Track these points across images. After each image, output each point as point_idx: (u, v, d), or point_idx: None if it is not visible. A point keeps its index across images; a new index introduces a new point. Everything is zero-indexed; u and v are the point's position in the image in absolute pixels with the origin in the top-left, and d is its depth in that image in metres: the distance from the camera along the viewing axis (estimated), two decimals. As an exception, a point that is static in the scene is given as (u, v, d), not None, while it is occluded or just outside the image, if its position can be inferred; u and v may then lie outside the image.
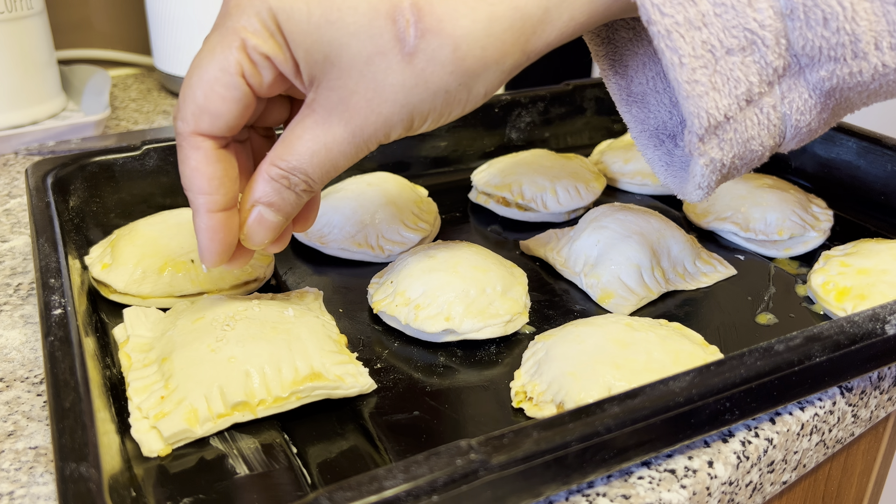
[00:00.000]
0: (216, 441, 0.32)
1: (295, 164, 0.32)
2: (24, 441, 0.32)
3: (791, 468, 0.35)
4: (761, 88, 0.30)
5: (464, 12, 0.29)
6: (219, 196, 0.32)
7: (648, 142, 0.38)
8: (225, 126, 0.31)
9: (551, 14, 0.30)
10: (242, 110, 0.31)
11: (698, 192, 0.34)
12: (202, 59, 0.30)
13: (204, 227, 0.32)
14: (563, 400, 0.34)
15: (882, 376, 0.37)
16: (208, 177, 0.32)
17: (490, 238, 0.52)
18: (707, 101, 0.30)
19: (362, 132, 0.31)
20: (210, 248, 0.33)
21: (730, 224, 0.50)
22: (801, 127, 0.32)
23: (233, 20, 0.29)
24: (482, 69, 0.30)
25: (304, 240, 0.48)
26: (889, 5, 0.29)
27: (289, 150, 0.32)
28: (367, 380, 0.35)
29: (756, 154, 0.33)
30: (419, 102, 0.30)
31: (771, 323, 0.42)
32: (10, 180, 0.59)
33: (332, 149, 0.31)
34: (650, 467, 0.31)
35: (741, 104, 0.30)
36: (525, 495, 0.26)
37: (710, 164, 0.32)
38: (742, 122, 0.31)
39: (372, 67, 0.29)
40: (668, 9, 0.28)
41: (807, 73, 0.31)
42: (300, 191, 0.33)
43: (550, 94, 0.63)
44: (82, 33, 0.87)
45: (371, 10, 0.29)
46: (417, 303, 0.39)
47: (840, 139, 0.55)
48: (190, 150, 0.31)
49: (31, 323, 0.41)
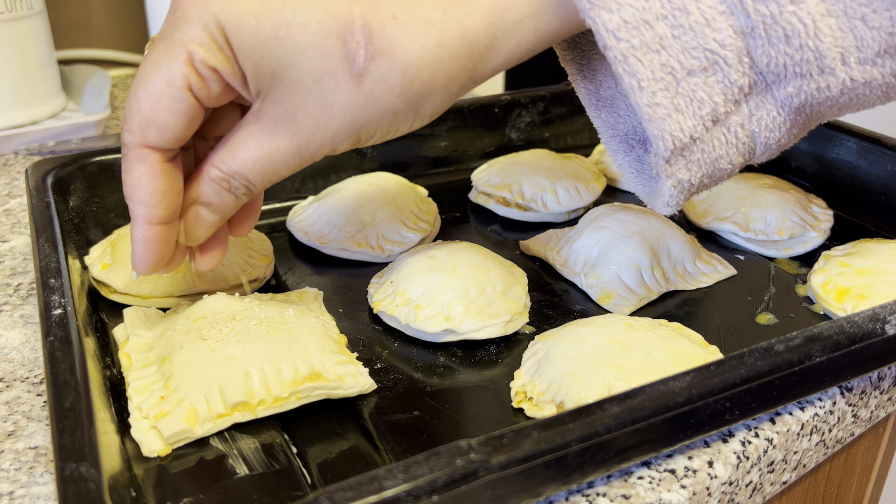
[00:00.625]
0: (216, 441, 0.32)
1: (236, 169, 0.32)
2: (24, 441, 0.32)
3: (791, 468, 0.35)
4: (727, 108, 0.30)
5: (413, 37, 0.29)
6: (160, 210, 0.32)
7: (619, 147, 0.37)
8: (172, 138, 0.31)
9: (498, 41, 0.30)
10: (189, 122, 0.31)
11: (667, 209, 0.34)
12: (148, 71, 0.30)
13: (140, 238, 0.32)
14: (563, 400, 0.34)
15: (882, 376, 0.37)
16: (151, 190, 0.31)
17: (490, 238, 0.52)
18: (670, 124, 0.29)
19: (308, 146, 0.31)
20: (144, 258, 0.33)
21: (730, 224, 0.50)
22: (770, 143, 0.32)
23: (179, 31, 0.29)
24: (430, 93, 0.30)
25: (304, 240, 0.48)
26: (855, 20, 0.28)
27: (231, 154, 0.32)
28: (367, 380, 0.35)
29: (725, 171, 0.32)
30: (366, 121, 0.31)
31: (771, 323, 0.42)
32: (10, 180, 0.59)
33: (275, 158, 0.31)
34: (650, 467, 0.31)
35: (707, 124, 0.30)
36: (525, 495, 0.26)
37: (677, 184, 0.32)
38: (709, 143, 0.31)
39: (320, 85, 0.29)
40: (623, 34, 0.28)
41: (774, 89, 0.30)
42: (240, 194, 0.33)
43: (550, 94, 0.63)
44: (82, 33, 0.87)
45: (321, 30, 0.29)
46: (417, 303, 0.39)
47: (840, 139, 0.55)
48: (135, 161, 0.31)
49: (31, 323, 0.41)
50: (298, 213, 0.50)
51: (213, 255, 0.36)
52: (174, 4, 0.30)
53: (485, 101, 0.60)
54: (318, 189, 0.54)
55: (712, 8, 0.28)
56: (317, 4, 0.29)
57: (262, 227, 0.50)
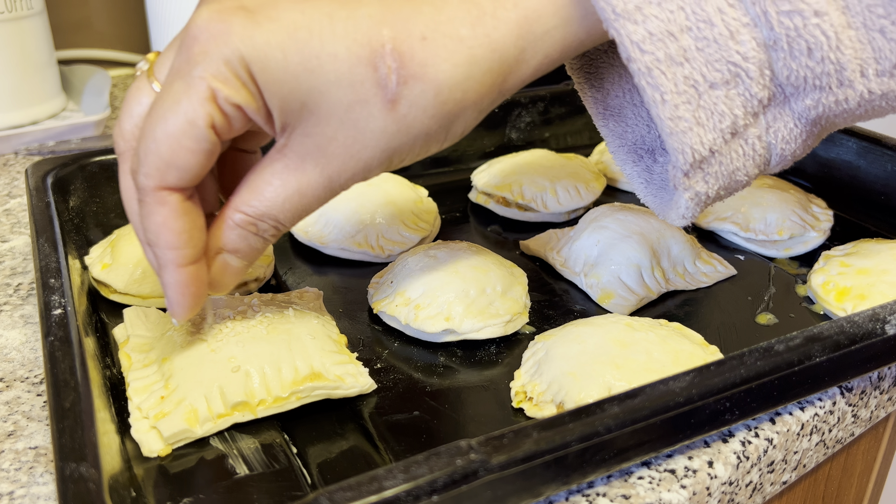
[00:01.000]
0: (216, 441, 0.32)
1: (264, 210, 0.31)
2: (24, 441, 0.32)
3: (791, 468, 0.35)
4: (746, 120, 0.30)
5: (444, 56, 0.28)
6: (188, 250, 0.31)
7: (627, 157, 0.37)
8: (192, 178, 0.30)
9: (527, 53, 0.30)
10: (208, 160, 0.30)
11: (681, 221, 0.33)
12: (166, 111, 0.28)
13: (174, 283, 0.31)
14: (563, 400, 0.34)
15: (882, 376, 0.37)
16: (177, 232, 0.30)
17: (490, 238, 0.52)
18: (691, 137, 0.29)
19: (339, 177, 0.30)
20: (181, 304, 0.31)
21: (730, 224, 0.50)
22: (786, 155, 0.32)
23: (199, 69, 0.28)
24: (462, 111, 0.30)
25: (304, 240, 0.48)
26: (874, 32, 0.28)
27: (256, 195, 0.30)
28: (367, 380, 0.35)
29: (741, 183, 0.32)
30: (399, 146, 0.30)
31: (771, 323, 0.42)
32: (10, 180, 0.59)
33: (305, 194, 0.30)
34: (650, 467, 0.31)
35: (726, 137, 0.30)
36: (525, 495, 0.26)
37: (694, 197, 0.31)
38: (727, 155, 0.30)
39: (352, 115, 0.29)
40: (647, 46, 0.28)
41: (792, 102, 0.30)
42: (268, 236, 0.32)
43: (550, 94, 0.63)
44: (82, 33, 0.87)
45: (351, 57, 0.28)
46: (417, 303, 0.39)
47: (840, 139, 0.55)
48: (155, 205, 0.30)
49: (31, 323, 0.41)
50: (298, 213, 0.50)
51: None
52: (188, 41, 0.28)
53: (485, 101, 0.60)
54: (318, 189, 0.54)
55: (736, 20, 0.28)
56: (344, 31, 0.28)
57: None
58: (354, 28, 0.28)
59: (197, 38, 0.28)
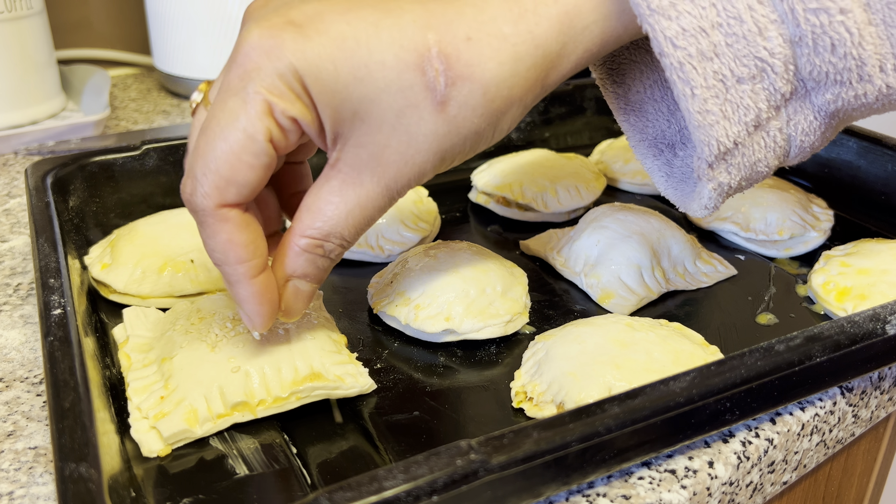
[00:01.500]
0: (216, 441, 0.32)
1: (329, 230, 0.31)
2: (24, 441, 0.32)
3: (791, 468, 0.35)
4: (769, 113, 0.31)
5: (489, 55, 0.29)
6: (257, 260, 0.31)
7: (647, 151, 0.38)
8: (251, 193, 0.30)
9: (568, 48, 0.30)
10: (266, 174, 0.30)
11: (703, 211, 0.34)
12: (223, 128, 0.28)
13: (250, 295, 0.31)
14: (563, 400, 0.33)
15: (882, 376, 0.37)
16: (243, 245, 0.30)
17: (490, 238, 0.52)
18: (718, 130, 0.30)
19: (396, 184, 0.30)
20: (261, 313, 0.31)
21: (730, 224, 0.50)
22: (805, 147, 0.33)
23: (254, 84, 0.28)
24: (508, 107, 0.30)
25: (304, 240, 0.48)
26: (893, 28, 0.29)
27: (318, 216, 0.31)
28: (366, 380, 0.35)
29: (761, 174, 0.33)
30: (451, 147, 0.30)
31: (771, 323, 0.42)
32: (10, 180, 0.59)
33: (366, 206, 0.31)
34: (650, 467, 0.31)
35: (749, 130, 0.31)
36: (525, 495, 0.26)
37: (717, 187, 0.32)
38: (750, 147, 0.31)
39: (404, 120, 0.29)
40: (680, 41, 0.29)
41: (812, 96, 0.31)
42: (335, 256, 0.32)
43: (550, 94, 0.63)
44: (82, 33, 0.87)
45: (399, 63, 0.28)
46: (417, 303, 0.39)
47: (840, 139, 0.55)
48: (218, 223, 0.30)
49: (30, 323, 0.41)
50: (298, 213, 0.50)
51: None
52: (240, 58, 0.28)
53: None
54: (318, 189, 0.54)
55: (765, 17, 0.29)
56: (390, 38, 0.28)
57: (262, 227, 0.50)
58: (400, 35, 0.28)
59: (248, 54, 0.28)
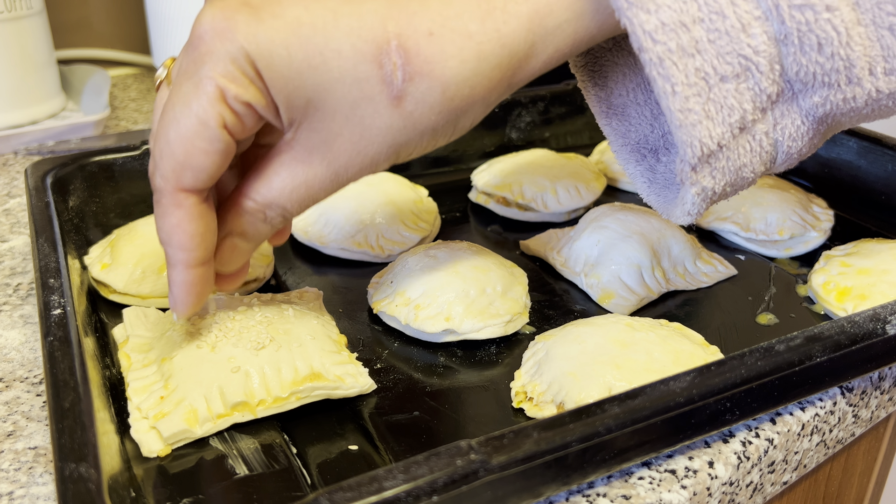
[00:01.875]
0: (216, 441, 0.32)
1: (272, 200, 0.31)
2: (24, 441, 0.32)
3: (791, 468, 0.35)
4: (755, 115, 0.30)
5: (452, 52, 0.28)
6: (199, 252, 0.31)
7: (630, 156, 0.37)
8: (208, 179, 0.30)
9: (537, 47, 0.29)
10: (224, 160, 0.30)
11: (686, 218, 0.33)
12: (177, 113, 0.28)
13: (180, 282, 0.31)
14: (563, 400, 0.33)
15: (883, 376, 0.37)
16: (190, 234, 0.30)
17: (490, 238, 0.52)
18: (700, 130, 0.29)
19: (346, 171, 0.30)
20: (185, 301, 0.32)
21: (730, 224, 0.50)
22: (792, 153, 0.32)
23: (206, 68, 0.27)
24: (469, 106, 0.30)
25: (304, 240, 0.48)
26: (883, 30, 0.28)
27: (266, 184, 0.31)
28: (366, 380, 0.35)
29: (747, 180, 0.32)
30: (406, 142, 0.30)
31: (771, 323, 0.42)
32: (10, 180, 0.59)
33: (312, 185, 0.31)
34: (650, 468, 0.31)
35: (734, 132, 0.30)
36: (525, 496, 0.26)
37: (701, 192, 0.31)
38: (735, 150, 0.30)
39: (358, 112, 0.29)
40: (660, 35, 0.27)
41: (800, 98, 0.30)
42: (276, 223, 0.32)
43: (550, 94, 0.63)
44: (82, 33, 0.87)
45: (356, 54, 0.28)
46: (417, 303, 0.39)
47: (840, 139, 0.55)
48: (171, 207, 0.30)
49: (30, 323, 0.41)
50: (298, 213, 0.50)
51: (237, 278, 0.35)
52: (194, 40, 0.28)
53: (485, 100, 0.60)
54: (317, 189, 0.54)
55: (748, 13, 0.28)
56: (348, 28, 0.28)
57: (262, 227, 0.50)
58: (359, 24, 0.28)
59: (202, 37, 0.28)
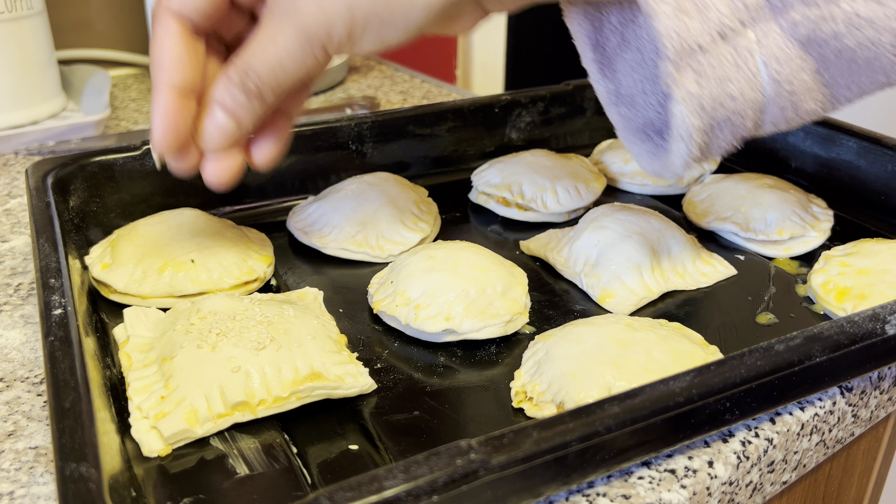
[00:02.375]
0: (216, 441, 0.32)
1: (248, 64, 0.34)
2: (25, 441, 0.32)
3: (791, 468, 0.35)
4: (733, 24, 0.31)
5: None
6: (177, 74, 0.35)
7: (635, 137, 0.38)
8: (196, 8, 0.34)
9: None
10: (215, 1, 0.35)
11: (681, 146, 0.34)
12: None
13: (160, 106, 0.35)
14: (563, 400, 0.34)
15: (882, 376, 0.37)
16: (170, 55, 0.34)
17: (490, 238, 0.52)
18: (676, 22, 0.30)
19: (312, 33, 0.33)
20: (162, 130, 0.35)
21: (730, 224, 0.50)
22: (781, 81, 0.32)
23: None
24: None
25: (304, 240, 0.48)
26: None
27: (245, 52, 0.34)
28: (367, 380, 0.35)
29: (738, 104, 0.32)
30: (358, 7, 0.33)
31: (771, 323, 0.42)
32: (11, 180, 0.60)
33: (283, 48, 0.33)
34: (650, 467, 0.31)
35: (713, 35, 0.31)
36: (525, 495, 0.26)
37: (687, 99, 0.32)
38: (717, 57, 0.31)
39: None
40: None
41: (779, 17, 0.31)
42: (253, 95, 0.34)
43: (550, 94, 0.63)
44: (82, 33, 0.87)
45: None
46: (417, 303, 0.39)
47: (840, 139, 0.55)
48: (161, 29, 0.35)
49: (31, 323, 0.41)
50: (298, 213, 0.50)
51: (270, 147, 0.38)
52: None
53: (485, 101, 0.60)
54: (318, 189, 0.54)
55: None
56: None
57: (262, 227, 0.50)
58: None
59: None
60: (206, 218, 0.46)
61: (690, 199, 0.54)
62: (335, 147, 0.55)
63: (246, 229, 0.48)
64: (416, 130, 0.57)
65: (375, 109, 0.76)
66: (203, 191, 0.39)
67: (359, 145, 0.55)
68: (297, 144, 0.53)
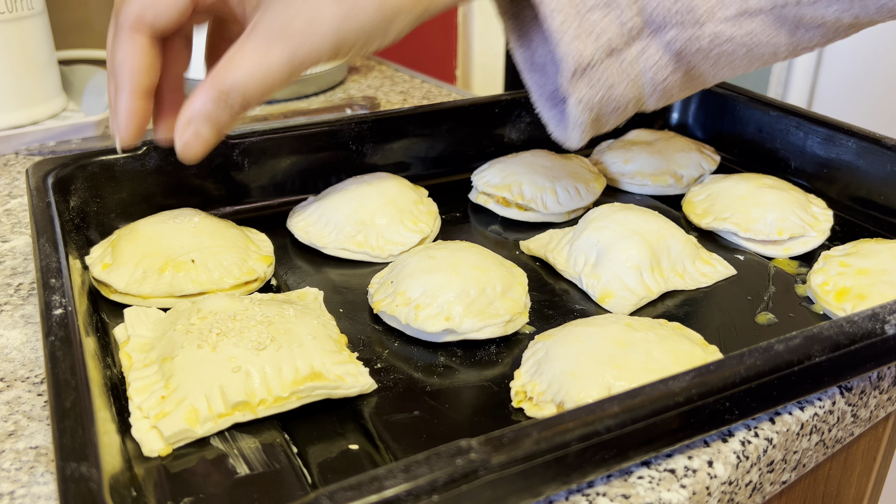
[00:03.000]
0: (217, 441, 0.32)
1: (233, 83, 0.36)
2: (25, 441, 0.32)
3: (791, 468, 0.35)
4: (620, 43, 0.38)
5: None
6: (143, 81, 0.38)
7: (546, 104, 0.44)
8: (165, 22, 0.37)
9: None
10: (183, 12, 0.37)
11: (576, 130, 0.41)
12: None
13: (125, 109, 0.38)
14: (563, 400, 0.34)
15: (881, 376, 0.37)
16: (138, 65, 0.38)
17: (490, 238, 0.52)
18: (575, 47, 0.37)
19: (299, 55, 0.36)
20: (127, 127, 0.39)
21: (730, 224, 0.50)
22: (657, 82, 0.40)
23: None
24: (396, 14, 0.37)
25: (304, 240, 0.48)
26: None
27: (230, 70, 0.36)
28: (367, 380, 0.35)
29: (622, 100, 0.40)
30: (346, 35, 0.36)
31: (770, 323, 0.42)
32: (11, 180, 0.60)
33: (270, 68, 0.36)
34: (650, 467, 0.31)
35: (602, 54, 0.38)
36: (525, 495, 0.26)
37: (580, 101, 0.39)
38: (606, 70, 0.38)
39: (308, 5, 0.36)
40: None
41: (658, 35, 0.38)
42: (235, 109, 0.37)
43: (550, 95, 0.63)
44: (82, 33, 0.87)
45: None
46: (417, 303, 0.39)
47: (840, 139, 0.55)
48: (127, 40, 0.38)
49: (31, 323, 0.41)
50: (298, 213, 0.50)
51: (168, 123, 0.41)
52: None
53: (485, 101, 0.60)
54: (318, 189, 0.54)
55: None
56: None
57: (262, 227, 0.50)
58: None
59: None
60: (207, 218, 0.46)
61: (690, 199, 0.54)
62: (335, 147, 0.55)
63: (246, 229, 0.48)
64: (416, 130, 0.57)
65: (375, 109, 0.76)
66: (203, 191, 0.39)
67: (359, 145, 0.55)
68: (297, 144, 0.53)
